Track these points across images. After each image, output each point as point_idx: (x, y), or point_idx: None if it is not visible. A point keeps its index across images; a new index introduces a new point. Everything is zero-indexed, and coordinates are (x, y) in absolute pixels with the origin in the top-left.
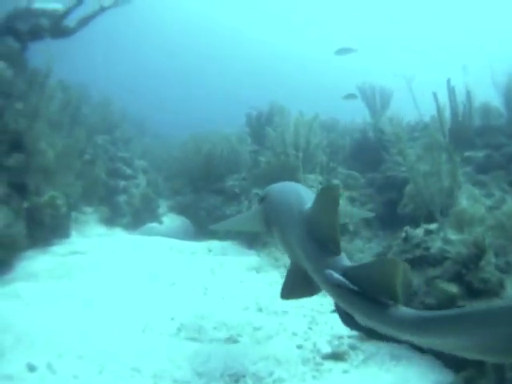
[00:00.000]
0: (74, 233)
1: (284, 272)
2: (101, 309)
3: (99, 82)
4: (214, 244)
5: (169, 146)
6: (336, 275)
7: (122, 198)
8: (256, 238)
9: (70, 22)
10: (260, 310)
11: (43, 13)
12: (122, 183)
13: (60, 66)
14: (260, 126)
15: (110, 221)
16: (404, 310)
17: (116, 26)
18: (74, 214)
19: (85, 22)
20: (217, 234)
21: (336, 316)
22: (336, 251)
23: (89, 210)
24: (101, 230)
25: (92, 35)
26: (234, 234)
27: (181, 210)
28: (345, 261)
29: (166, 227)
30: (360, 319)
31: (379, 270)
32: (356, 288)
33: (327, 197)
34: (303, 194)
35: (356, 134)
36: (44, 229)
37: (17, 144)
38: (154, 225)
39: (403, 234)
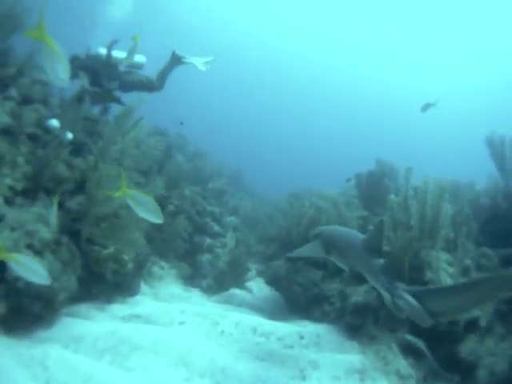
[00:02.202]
0: (144, 288)
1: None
2: None
3: (197, 133)
4: (307, 329)
5: (264, 204)
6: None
7: (205, 257)
8: (360, 326)
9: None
10: None
11: (129, 64)
12: (208, 241)
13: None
14: (369, 188)
15: (189, 280)
16: None
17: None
18: (149, 265)
19: (165, 76)
20: (311, 312)
21: None
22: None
23: (167, 265)
24: (176, 289)
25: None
26: (335, 316)
27: (271, 280)
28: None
29: (252, 297)
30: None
31: None
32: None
33: (378, 228)
34: (350, 230)
35: (482, 199)
36: (105, 284)
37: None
38: (239, 292)
39: None
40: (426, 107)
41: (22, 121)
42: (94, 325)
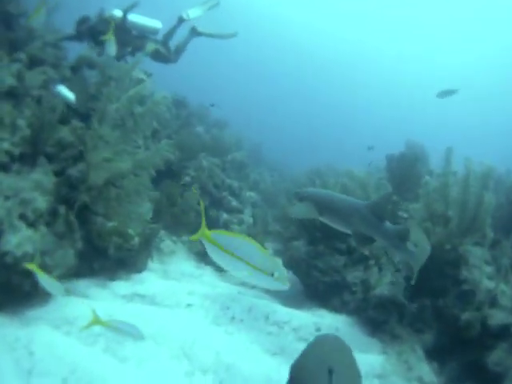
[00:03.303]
0: (153, 264)
1: None
2: None
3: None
4: (325, 320)
5: (285, 179)
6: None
7: None
8: (382, 322)
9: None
10: None
11: (144, 29)
12: (225, 216)
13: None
14: (401, 171)
15: (203, 257)
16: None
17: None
18: (158, 240)
19: (182, 49)
20: (329, 300)
21: None
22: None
23: (179, 239)
24: (188, 266)
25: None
26: (354, 306)
27: (289, 262)
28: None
29: None
30: None
31: None
32: None
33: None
34: (344, 195)
35: None
36: (108, 260)
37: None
38: None
39: None
40: (444, 94)
41: (28, 83)
42: (91, 304)
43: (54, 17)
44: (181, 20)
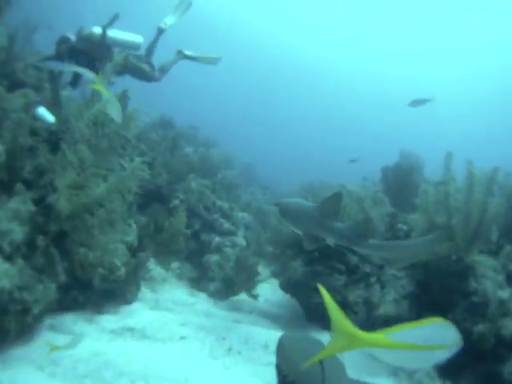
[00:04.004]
0: (144, 292)
1: None
2: None
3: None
4: None
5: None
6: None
7: (213, 258)
8: None
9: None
10: None
11: (125, 45)
12: (217, 239)
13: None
14: (397, 183)
15: (196, 283)
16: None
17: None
18: (148, 268)
19: (166, 68)
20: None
21: None
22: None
23: (170, 266)
24: (180, 294)
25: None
26: (359, 327)
27: (287, 285)
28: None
29: (265, 301)
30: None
31: None
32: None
33: (334, 198)
34: (303, 200)
35: None
36: (93, 292)
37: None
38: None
39: None
40: (416, 102)
41: (8, 105)
42: (77, 341)
43: (35, 38)
44: (160, 31)
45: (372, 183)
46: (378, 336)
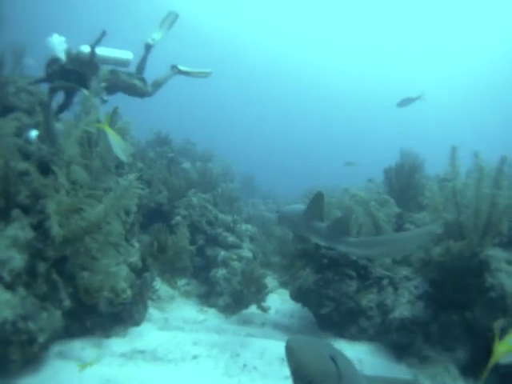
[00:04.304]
0: (152, 312)
1: None
2: None
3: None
4: (345, 353)
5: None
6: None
7: (220, 273)
8: (408, 345)
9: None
10: None
11: (114, 62)
12: (222, 253)
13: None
14: (400, 183)
15: (204, 298)
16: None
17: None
18: (155, 287)
19: (160, 83)
20: (346, 328)
21: None
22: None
23: (177, 284)
24: (189, 311)
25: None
26: (374, 332)
27: (298, 294)
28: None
29: (276, 312)
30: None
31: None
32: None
33: (317, 199)
34: (298, 205)
35: None
36: (100, 316)
37: None
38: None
39: None
40: (404, 102)
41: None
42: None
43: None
44: (148, 46)
45: (375, 185)
46: None
